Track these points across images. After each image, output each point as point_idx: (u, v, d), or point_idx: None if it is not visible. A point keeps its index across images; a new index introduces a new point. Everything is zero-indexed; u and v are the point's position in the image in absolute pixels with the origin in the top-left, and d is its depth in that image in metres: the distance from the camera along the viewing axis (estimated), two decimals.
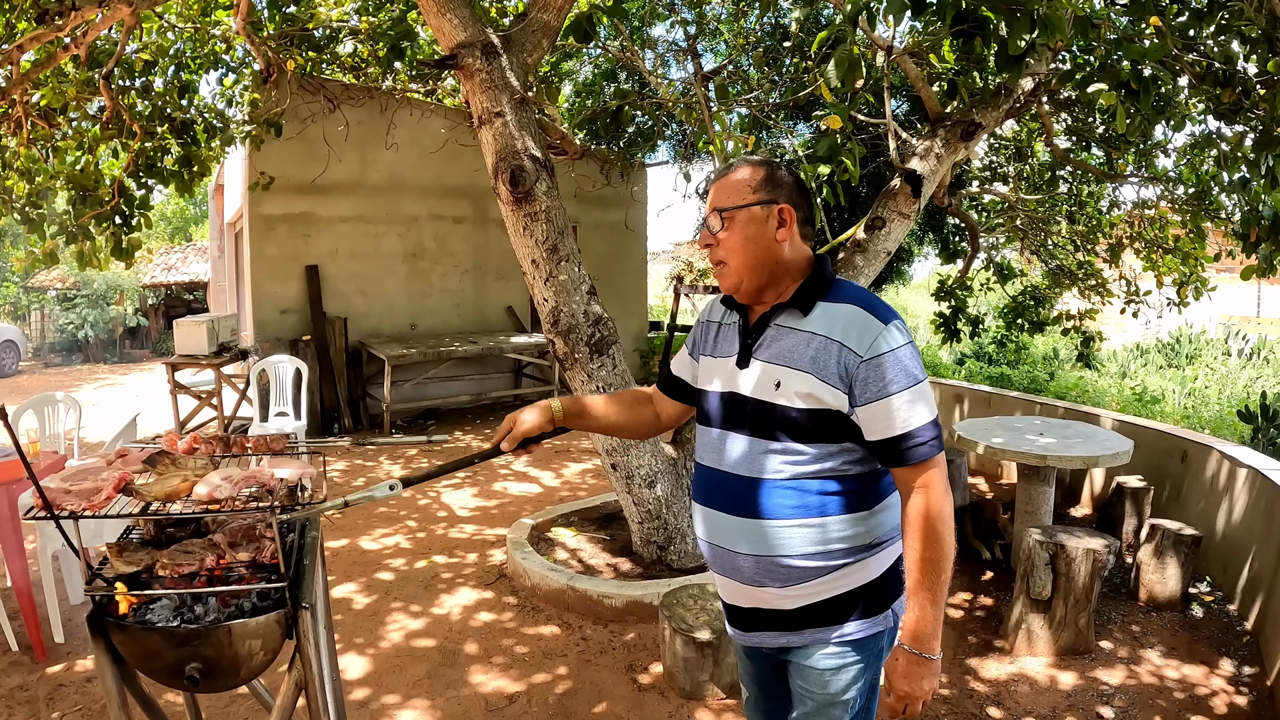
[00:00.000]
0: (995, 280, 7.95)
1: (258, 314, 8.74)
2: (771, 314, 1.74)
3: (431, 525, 5.63)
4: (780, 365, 1.68)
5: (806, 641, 1.74)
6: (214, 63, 7.31)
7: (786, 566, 1.69)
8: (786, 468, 1.67)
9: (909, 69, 4.43)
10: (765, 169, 1.73)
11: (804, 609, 1.72)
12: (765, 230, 1.70)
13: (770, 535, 1.69)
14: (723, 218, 1.72)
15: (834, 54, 3.41)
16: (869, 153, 7.55)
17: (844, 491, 1.67)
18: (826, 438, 1.65)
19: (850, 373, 1.61)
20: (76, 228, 6.44)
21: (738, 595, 1.80)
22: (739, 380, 1.75)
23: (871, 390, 1.59)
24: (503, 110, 4.05)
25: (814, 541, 1.67)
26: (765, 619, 1.77)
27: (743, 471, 1.71)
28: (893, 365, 1.59)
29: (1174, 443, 5.13)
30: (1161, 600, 4.15)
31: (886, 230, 4.55)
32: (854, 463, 1.68)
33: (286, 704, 1.97)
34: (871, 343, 1.60)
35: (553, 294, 4.19)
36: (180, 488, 1.88)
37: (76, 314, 17.35)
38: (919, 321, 15.74)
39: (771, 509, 1.68)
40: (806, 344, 1.66)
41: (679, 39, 7.89)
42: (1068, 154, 6.36)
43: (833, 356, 1.62)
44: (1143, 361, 12.34)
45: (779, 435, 1.67)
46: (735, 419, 1.75)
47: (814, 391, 1.62)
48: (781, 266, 1.72)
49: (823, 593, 1.70)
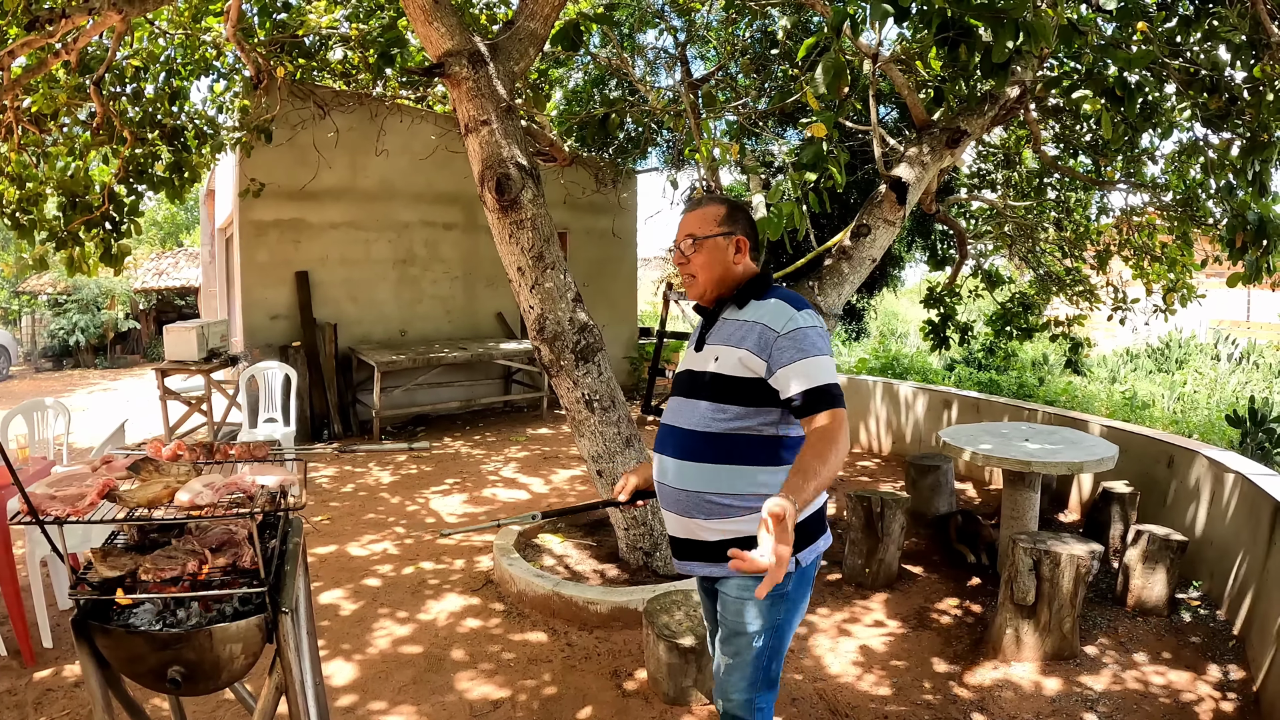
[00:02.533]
0: (984, 287, 7.98)
1: (248, 320, 8.72)
2: (719, 308, 2.28)
3: (420, 531, 5.62)
4: (720, 344, 2.20)
5: (722, 573, 2.19)
6: (205, 69, 7.31)
7: (710, 502, 2.16)
8: (717, 424, 2.16)
9: (895, 76, 4.46)
10: (727, 207, 2.28)
11: (722, 543, 2.15)
12: (726, 255, 2.24)
13: (701, 475, 2.16)
14: (695, 243, 2.24)
15: (821, 61, 3.43)
16: (856, 160, 7.59)
17: (760, 447, 2.15)
18: (748, 401, 2.13)
19: (769, 345, 2.09)
20: (66, 233, 6.43)
21: (677, 527, 2.27)
22: (696, 360, 2.28)
23: (786, 357, 2.06)
24: (489, 118, 4.06)
25: (734, 484, 2.14)
26: (694, 549, 2.24)
27: (688, 426, 2.21)
28: (802, 339, 2.07)
29: (1161, 448, 5.15)
30: (1148, 605, 4.17)
31: (872, 237, 4.57)
32: (770, 424, 2.15)
33: (267, 707, 1.98)
34: (785, 322, 2.10)
35: (538, 301, 4.20)
36: (162, 494, 1.89)
37: (67, 319, 17.28)
38: (909, 328, 15.78)
39: (704, 454, 2.17)
40: (739, 327, 2.17)
41: (669, 46, 7.92)
42: (1055, 161, 6.40)
43: (756, 333, 2.12)
44: (1132, 367, 12.39)
45: (713, 397, 2.17)
46: (688, 388, 2.27)
47: (742, 360, 2.12)
48: (734, 279, 2.26)
49: (738, 531, 2.14)
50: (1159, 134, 5.06)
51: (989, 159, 7.60)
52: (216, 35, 6.91)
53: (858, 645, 3.90)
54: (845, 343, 14.25)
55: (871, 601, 4.40)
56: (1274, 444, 6.65)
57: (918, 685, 3.53)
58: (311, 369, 8.70)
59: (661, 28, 7.48)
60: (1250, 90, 4.43)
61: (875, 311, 15.91)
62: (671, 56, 7.25)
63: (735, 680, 2.23)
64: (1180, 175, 6.10)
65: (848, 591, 4.54)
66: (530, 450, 8.21)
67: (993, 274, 7.91)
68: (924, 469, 5.65)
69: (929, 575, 4.78)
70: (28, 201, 6.65)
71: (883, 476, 6.98)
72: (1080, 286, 7.51)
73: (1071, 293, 7.57)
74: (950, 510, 5.48)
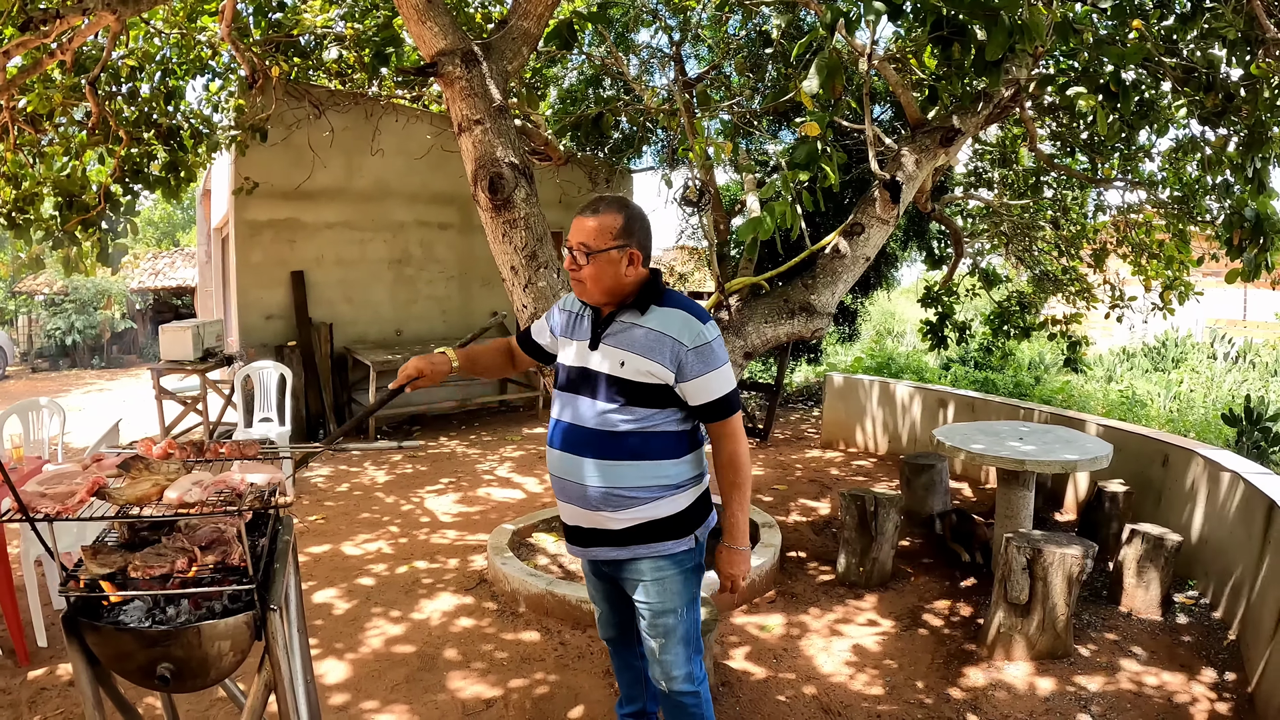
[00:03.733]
0: (981, 286, 7.98)
1: (243, 320, 8.71)
2: (617, 311, 2.35)
3: (414, 531, 5.62)
4: (624, 350, 2.28)
5: (630, 555, 2.36)
6: (200, 68, 7.30)
7: (620, 495, 2.30)
8: (624, 423, 2.28)
9: (889, 75, 4.45)
10: (624, 217, 2.29)
11: (629, 529, 2.33)
12: (618, 268, 2.28)
13: (610, 470, 2.30)
14: (588, 255, 2.26)
15: (815, 61, 3.43)
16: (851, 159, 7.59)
17: (664, 443, 2.32)
18: (653, 403, 2.28)
19: (680, 357, 2.24)
20: (63, 233, 6.42)
21: (579, 519, 2.40)
22: (590, 358, 2.35)
23: (695, 370, 2.25)
24: (482, 118, 4.05)
25: (641, 477, 2.30)
26: (600, 537, 2.38)
27: (595, 426, 2.31)
28: (709, 353, 2.26)
29: (1157, 447, 5.15)
30: (1142, 606, 4.17)
31: (865, 236, 4.56)
32: (672, 422, 2.32)
33: (256, 705, 2.00)
34: (694, 337, 2.25)
35: (531, 300, 4.19)
36: (150, 492, 1.89)
37: (64, 319, 17.24)
38: (906, 327, 15.77)
39: (612, 451, 2.29)
40: (646, 336, 2.27)
41: (664, 45, 7.91)
42: (1052, 159, 6.39)
43: (667, 347, 2.24)
44: (1129, 366, 12.39)
45: (620, 399, 2.28)
46: (585, 386, 2.35)
47: (651, 370, 2.24)
48: (625, 289, 2.32)
49: (644, 517, 2.32)
50: (1155, 131, 5.04)
51: (985, 157, 7.59)
52: (211, 35, 6.90)
53: (850, 645, 3.90)
54: (840, 343, 14.24)
55: (865, 601, 4.40)
56: (1270, 443, 6.65)
57: (911, 685, 3.52)
58: (307, 369, 8.69)
59: (656, 26, 7.46)
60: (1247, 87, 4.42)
61: (869, 311, 15.89)
62: (666, 56, 7.24)
63: (672, 658, 2.41)
64: (1177, 172, 6.09)
65: (841, 591, 4.54)
66: (526, 450, 8.20)
67: (989, 273, 7.91)
68: (919, 468, 5.65)
69: (923, 575, 4.78)
70: (24, 201, 6.63)
71: (878, 476, 6.98)
72: (1077, 285, 7.50)
73: (1068, 292, 7.57)
74: (945, 509, 5.47)
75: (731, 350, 4.46)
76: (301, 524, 5.77)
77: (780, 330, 4.52)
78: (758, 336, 4.48)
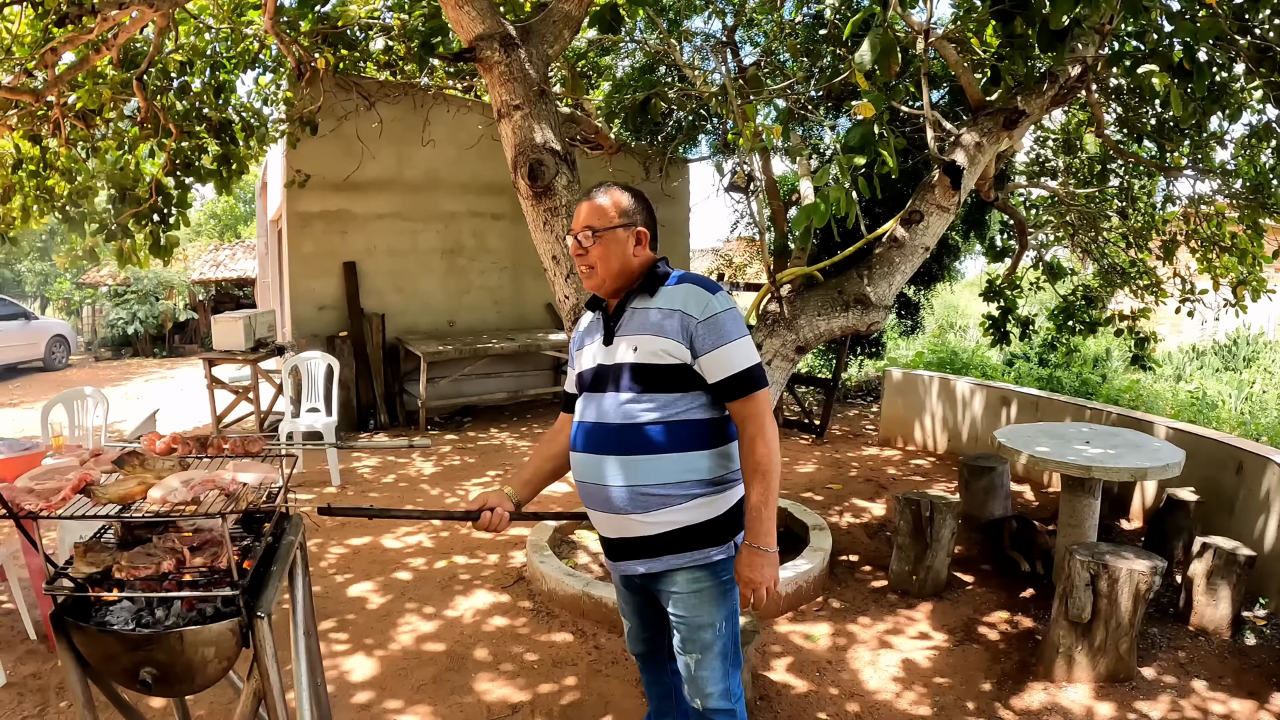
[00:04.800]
0: (1045, 279, 7.63)
1: (296, 310, 8.77)
2: (626, 300, 2.23)
3: (456, 525, 5.55)
4: (636, 335, 2.16)
5: (665, 567, 2.18)
6: (250, 62, 7.33)
7: (647, 494, 2.12)
8: (645, 413, 2.12)
9: (948, 55, 4.21)
10: (627, 197, 2.24)
11: (661, 535, 2.14)
12: (625, 247, 2.20)
13: (635, 467, 2.12)
14: (594, 235, 2.18)
15: (867, 37, 3.23)
16: (911, 146, 7.30)
17: (691, 432, 2.13)
18: (674, 387, 2.12)
19: (690, 331, 2.10)
20: (116, 226, 6.50)
21: (608, 526, 2.24)
22: (607, 354, 2.22)
23: (709, 342, 2.09)
24: (521, 103, 3.94)
25: (667, 472, 2.11)
26: (630, 547, 2.21)
27: (614, 420, 2.15)
28: (720, 324, 2.10)
29: (1229, 452, 4.81)
30: (1211, 625, 3.87)
31: (924, 224, 4.33)
32: (698, 408, 2.14)
33: (246, 712, 1.94)
34: (704, 307, 2.11)
35: (574, 290, 4.07)
36: (135, 490, 1.82)
37: (126, 309, 17.71)
38: (969, 321, 15.30)
39: (635, 445, 2.12)
40: (655, 314, 2.14)
41: (718, 31, 7.71)
42: (1119, 146, 6.05)
43: (676, 320, 2.11)
44: (1199, 364, 11.79)
45: (638, 387, 2.13)
46: (604, 382, 2.21)
47: (665, 348, 2.10)
48: (633, 271, 2.23)
49: (676, 522, 2.13)
50: (1228, 116, 4.70)
51: (1047, 144, 7.24)
52: (258, 28, 6.91)
53: (899, 659, 3.69)
54: (901, 336, 13.85)
55: (917, 611, 4.18)
56: None
57: (961, 706, 3.30)
58: (358, 359, 8.71)
59: (709, 12, 7.27)
60: None
61: (932, 305, 15.44)
62: (720, 42, 7.04)
63: (708, 674, 2.23)
64: (1251, 161, 5.72)
65: (892, 600, 4.32)
66: None
67: (1054, 265, 7.56)
68: (978, 470, 5.39)
69: (980, 584, 4.53)
70: (78, 195, 6.74)
71: (936, 477, 6.72)
72: (1145, 279, 7.11)
73: (1136, 286, 7.19)
74: (1005, 514, 5.21)
75: (783, 344, 4.27)
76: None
77: (834, 323, 4.32)
78: (810, 330, 4.29)
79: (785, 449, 7.77)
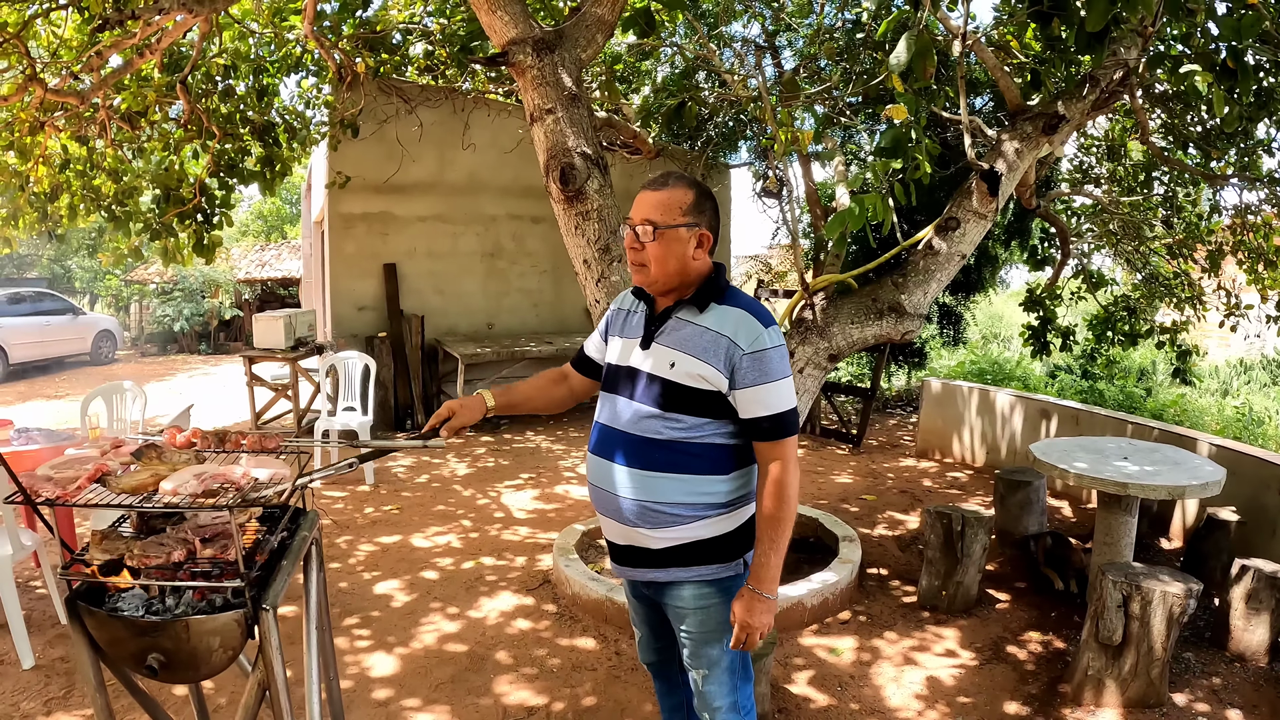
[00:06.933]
0: (1086, 289, 7.47)
1: (336, 310, 8.89)
2: (674, 308, 2.10)
3: (486, 526, 5.57)
4: (677, 350, 2.04)
5: (670, 578, 2.13)
6: (293, 66, 7.46)
7: (658, 512, 2.06)
8: (667, 431, 2.03)
9: (986, 57, 4.13)
10: (695, 193, 2.04)
11: (668, 550, 2.09)
12: (686, 248, 2.03)
13: (649, 483, 2.05)
14: (655, 231, 2.01)
15: (903, 38, 3.18)
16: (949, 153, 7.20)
17: (710, 457, 2.05)
18: (703, 412, 2.02)
19: (734, 361, 1.98)
20: (160, 225, 6.65)
21: (616, 534, 2.19)
22: (640, 358, 2.11)
23: (750, 378, 1.98)
24: (554, 107, 3.95)
25: (682, 493, 2.04)
26: (637, 556, 2.16)
27: (633, 431, 2.07)
28: (769, 361, 1.99)
29: (1273, 471, 4.64)
30: (1248, 651, 3.73)
31: (961, 232, 4.26)
32: (720, 435, 2.05)
33: (250, 702, 1.96)
34: (754, 340, 1.99)
35: (605, 295, 4.08)
36: (147, 482, 1.86)
37: (173, 306, 18.13)
38: (1012, 332, 15.03)
39: (652, 463, 2.05)
40: (701, 336, 2.02)
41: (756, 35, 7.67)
42: (1163, 153, 5.90)
43: (722, 348, 1.99)
44: (1246, 379, 11.46)
45: (666, 405, 2.03)
46: (631, 388, 2.10)
47: (703, 374, 1.99)
48: (690, 277, 2.07)
49: (685, 538, 2.07)
50: (1275, 123, 4.55)
51: (1091, 151, 7.09)
52: (300, 33, 7.03)
53: (924, 676, 3.61)
54: (944, 346, 13.65)
55: (945, 628, 4.09)
56: None
57: None
58: (397, 360, 8.80)
59: (748, 16, 7.24)
60: None
61: (975, 315, 15.20)
62: (760, 47, 7.00)
63: (716, 689, 2.19)
64: None
65: (921, 616, 4.24)
66: None
67: (1095, 276, 7.39)
68: (1014, 484, 5.28)
69: (1012, 602, 4.43)
70: (123, 195, 6.91)
71: (972, 490, 6.60)
72: (1186, 291, 6.92)
73: (1177, 298, 6.99)
74: (1040, 530, 5.09)
75: (815, 351, 4.22)
76: (376, 513, 5.81)
77: (868, 332, 4.26)
78: (843, 338, 4.23)
79: (821, 458, 7.69)
